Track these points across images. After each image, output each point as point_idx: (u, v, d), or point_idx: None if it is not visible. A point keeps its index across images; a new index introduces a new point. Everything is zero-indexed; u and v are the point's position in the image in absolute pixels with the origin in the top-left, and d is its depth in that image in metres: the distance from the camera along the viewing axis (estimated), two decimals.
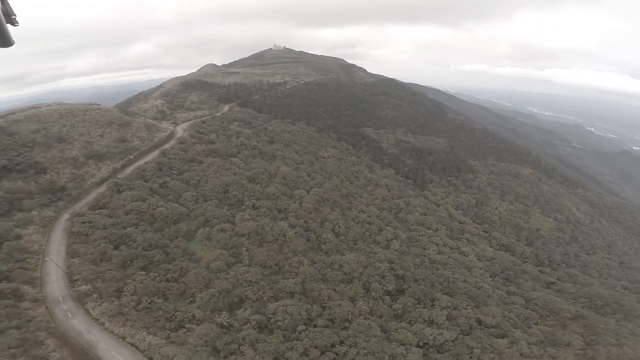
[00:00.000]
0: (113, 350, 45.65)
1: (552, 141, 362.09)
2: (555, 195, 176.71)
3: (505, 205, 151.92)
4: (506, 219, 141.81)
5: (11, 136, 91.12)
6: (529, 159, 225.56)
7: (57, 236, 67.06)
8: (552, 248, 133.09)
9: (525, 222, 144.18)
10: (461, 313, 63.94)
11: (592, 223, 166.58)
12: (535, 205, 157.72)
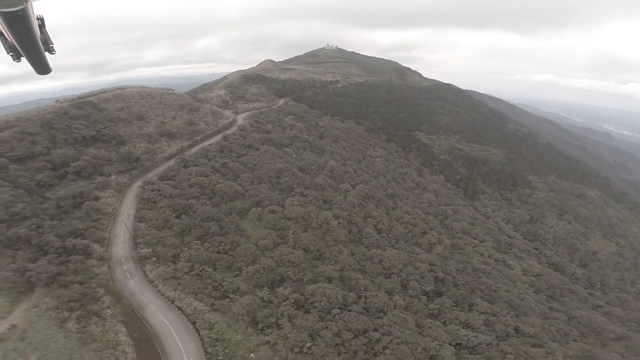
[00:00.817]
0: (160, 312, 49.49)
1: (627, 164, 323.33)
2: (621, 221, 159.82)
3: (562, 225, 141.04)
4: (561, 239, 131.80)
5: (100, 112, 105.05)
6: (596, 180, 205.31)
7: (129, 201, 76.54)
8: (608, 272, 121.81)
9: (582, 244, 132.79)
10: (499, 320, 62.23)
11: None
12: (597, 228, 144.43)
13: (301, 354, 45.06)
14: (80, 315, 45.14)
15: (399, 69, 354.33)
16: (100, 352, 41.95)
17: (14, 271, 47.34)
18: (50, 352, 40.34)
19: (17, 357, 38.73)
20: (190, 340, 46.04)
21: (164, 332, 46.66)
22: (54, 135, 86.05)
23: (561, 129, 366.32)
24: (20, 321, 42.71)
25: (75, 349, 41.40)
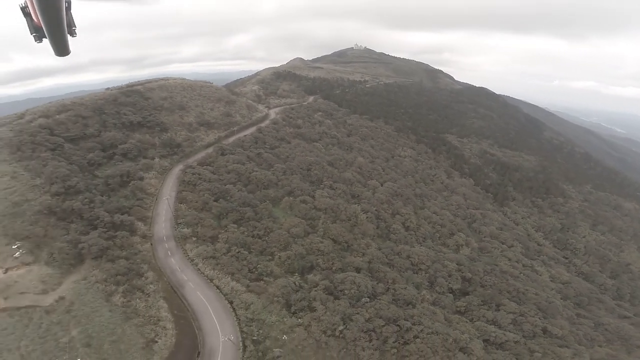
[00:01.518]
0: (199, 290, 51.92)
1: None
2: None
3: (595, 235, 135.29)
4: (592, 249, 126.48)
5: (146, 100, 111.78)
6: (635, 193, 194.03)
7: (170, 183, 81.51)
8: (638, 284, 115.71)
9: (615, 255, 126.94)
10: (527, 320, 61.71)
11: None
12: (632, 241, 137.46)
13: (333, 337, 46.75)
14: (125, 290, 47.96)
15: (429, 71, 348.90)
16: (142, 328, 44.24)
17: (68, 242, 51.01)
18: (93, 326, 42.72)
19: (58, 331, 41.23)
20: (227, 320, 48.14)
21: (202, 310, 48.92)
22: (104, 119, 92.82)
23: (600, 138, 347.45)
24: (68, 293, 45.75)
25: (119, 324, 43.97)
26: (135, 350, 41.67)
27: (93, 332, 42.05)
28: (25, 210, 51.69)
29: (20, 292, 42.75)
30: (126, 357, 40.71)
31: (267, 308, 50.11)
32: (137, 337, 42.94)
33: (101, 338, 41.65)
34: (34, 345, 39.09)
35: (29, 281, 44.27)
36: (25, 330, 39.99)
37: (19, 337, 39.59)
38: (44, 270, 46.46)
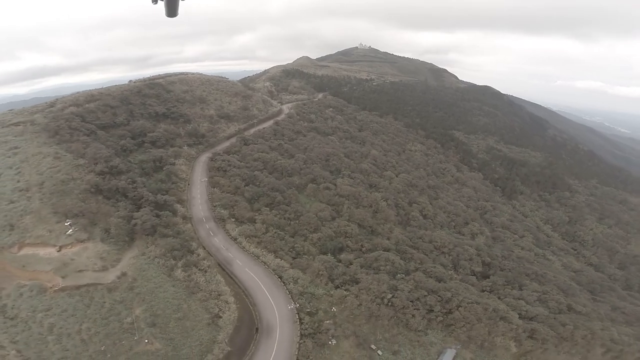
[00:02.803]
0: (247, 267, 54.04)
1: None
2: None
3: (602, 228, 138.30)
4: (600, 241, 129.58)
5: (168, 93, 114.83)
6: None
7: (199, 170, 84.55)
8: None
9: (623, 247, 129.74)
10: (551, 298, 64.58)
11: None
12: (639, 234, 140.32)
13: (383, 304, 49.51)
14: (184, 264, 49.32)
15: (434, 70, 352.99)
16: (206, 302, 45.27)
17: (122, 218, 52.68)
18: (158, 302, 42.79)
19: (122, 311, 40.62)
20: (279, 294, 50.29)
21: (253, 286, 50.95)
22: (131, 109, 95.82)
23: (604, 138, 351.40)
24: (130, 269, 46.35)
25: (183, 299, 44.69)
26: (201, 327, 42.23)
27: (158, 309, 42.01)
28: (72, 188, 53.72)
29: (79, 270, 43.10)
30: (192, 335, 41.05)
31: (314, 282, 52.71)
32: (202, 312, 43.66)
33: (166, 316, 41.73)
34: (96, 328, 38.35)
35: (86, 258, 44.91)
36: (87, 311, 39.44)
37: (80, 319, 38.83)
38: (100, 247, 47.15)
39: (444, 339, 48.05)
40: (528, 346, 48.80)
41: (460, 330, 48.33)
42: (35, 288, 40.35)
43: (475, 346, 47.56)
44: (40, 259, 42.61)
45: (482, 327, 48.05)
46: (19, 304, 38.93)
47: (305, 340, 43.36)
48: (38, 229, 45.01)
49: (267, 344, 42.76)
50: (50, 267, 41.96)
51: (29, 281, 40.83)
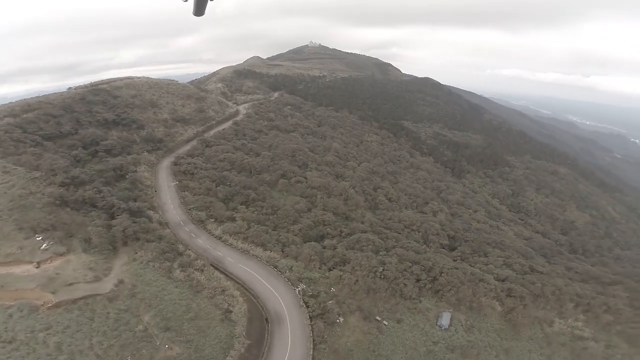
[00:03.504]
0: (240, 263, 53.75)
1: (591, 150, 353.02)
2: (591, 194, 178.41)
3: (541, 198, 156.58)
4: (542, 210, 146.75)
5: (115, 98, 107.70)
6: (566, 161, 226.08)
7: (163, 176, 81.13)
8: (586, 239, 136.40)
9: (561, 214, 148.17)
10: (515, 261, 72.59)
11: (627, 223, 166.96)
12: (571, 201, 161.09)
13: (377, 277, 52.45)
14: (180, 265, 47.78)
15: (380, 65, 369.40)
16: (213, 299, 44.49)
17: (101, 227, 49.64)
18: (165, 305, 41.18)
19: (130, 319, 38.47)
20: (278, 283, 50.86)
21: (250, 279, 50.88)
22: (77, 117, 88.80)
23: (530, 119, 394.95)
24: (125, 276, 44.02)
25: (190, 298, 43.54)
26: (215, 324, 41.43)
27: (167, 312, 40.45)
28: (33, 202, 49.19)
29: (69, 284, 40.13)
30: (209, 333, 40.15)
31: (308, 267, 54.31)
32: (212, 309, 42.79)
33: (178, 318, 40.29)
34: (108, 341, 36.17)
35: (72, 271, 41.91)
36: (92, 325, 36.89)
37: (88, 333, 36.44)
38: (85, 258, 44.28)
39: (436, 304, 52.27)
40: (510, 304, 54.62)
41: (449, 294, 52.97)
42: (25, 307, 37.08)
43: (465, 308, 52.34)
44: (19, 277, 38.80)
45: (466, 289, 53.12)
46: (11, 326, 35.39)
47: (315, 321, 44.66)
48: (5, 248, 40.75)
49: (281, 332, 43.41)
50: (34, 284, 38.53)
51: (14, 301, 37.26)
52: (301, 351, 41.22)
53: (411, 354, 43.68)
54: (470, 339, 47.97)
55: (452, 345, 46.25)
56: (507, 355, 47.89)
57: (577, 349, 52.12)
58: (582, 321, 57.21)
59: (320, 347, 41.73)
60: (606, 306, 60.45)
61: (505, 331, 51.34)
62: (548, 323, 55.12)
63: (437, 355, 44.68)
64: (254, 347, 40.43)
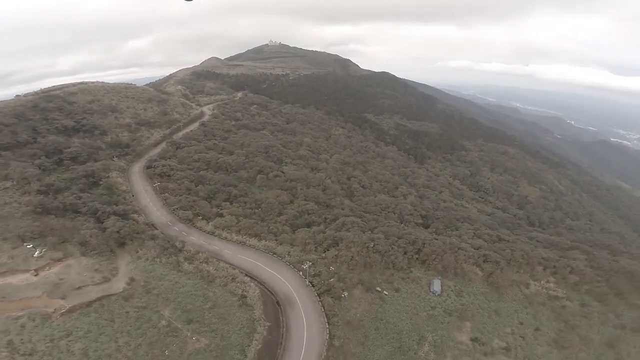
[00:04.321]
0: (238, 254, 54.48)
1: (534, 132, 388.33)
2: (539, 170, 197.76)
3: (496, 176, 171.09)
4: (498, 187, 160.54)
5: (71, 105, 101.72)
6: (513, 143, 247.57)
7: (137, 180, 78.83)
8: (541, 212, 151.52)
9: (515, 190, 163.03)
10: (483, 232, 79.96)
11: (573, 194, 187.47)
12: (523, 177, 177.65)
13: (370, 251, 55.88)
14: (186, 259, 47.56)
15: (340, 61, 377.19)
16: (227, 287, 45.06)
17: (95, 229, 48.37)
18: (183, 298, 41.12)
19: (152, 316, 37.93)
20: (280, 267, 52.65)
21: (252, 267, 51.90)
22: (33, 125, 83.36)
23: (479, 107, 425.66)
24: (135, 273, 43.38)
25: (205, 287, 43.83)
26: (235, 310, 42.01)
27: (187, 304, 40.36)
28: (10, 212, 46.37)
29: (77, 288, 38.74)
30: (231, 320, 40.59)
31: (305, 250, 56.58)
32: (228, 296, 43.30)
33: (198, 308, 40.34)
34: (135, 340, 35.38)
35: (77, 274, 40.42)
36: (114, 326, 35.89)
37: (112, 336, 35.32)
38: (86, 261, 42.84)
39: (425, 273, 56.48)
40: (488, 268, 59.94)
41: (434, 263, 57.47)
42: (36, 316, 35.09)
43: (451, 274, 56.94)
44: (19, 287, 36.78)
45: (449, 257, 58.01)
46: (27, 337, 33.30)
47: (323, 298, 47.05)
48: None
49: (294, 312, 45.32)
50: (40, 292, 36.76)
51: (22, 311, 35.22)
52: (317, 327, 43.50)
53: (415, 319, 47.27)
54: (462, 302, 52.47)
55: (448, 309, 50.43)
56: (498, 315, 52.70)
57: (557, 308, 56.97)
58: (553, 282, 62.79)
59: (334, 321, 44.19)
60: (570, 268, 66.79)
61: (490, 294, 56.37)
62: (525, 285, 60.49)
63: (438, 319, 48.56)
64: (273, 329, 41.95)
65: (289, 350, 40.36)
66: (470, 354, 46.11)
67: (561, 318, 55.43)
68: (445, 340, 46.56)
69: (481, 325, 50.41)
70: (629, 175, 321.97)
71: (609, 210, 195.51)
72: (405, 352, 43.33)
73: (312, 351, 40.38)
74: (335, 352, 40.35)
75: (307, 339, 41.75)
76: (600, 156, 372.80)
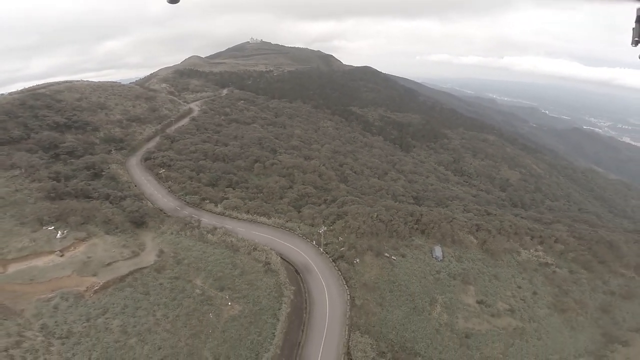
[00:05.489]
0: (251, 230, 56.45)
1: (511, 122, 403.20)
2: (517, 155, 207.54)
3: (478, 162, 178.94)
4: (481, 171, 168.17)
5: (59, 102, 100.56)
6: (492, 131, 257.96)
7: (137, 171, 79.53)
8: (522, 194, 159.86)
9: (497, 174, 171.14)
10: (472, 207, 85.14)
11: (550, 177, 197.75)
12: (503, 162, 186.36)
13: (376, 221, 59.55)
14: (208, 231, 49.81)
15: (323, 57, 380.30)
16: (250, 255, 47.51)
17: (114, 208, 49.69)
18: (213, 266, 42.68)
19: (185, 286, 38.78)
20: (294, 239, 55.53)
21: (266, 242, 53.70)
22: (24, 122, 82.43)
23: (458, 99, 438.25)
24: (163, 246, 44.41)
25: (232, 256, 46.17)
26: (261, 276, 43.87)
27: (217, 272, 41.73)
28: (23, 198, 46.72)
29: (107, 264, 38.86)
30: (259, 285, 42.29)
31: (313, 224, 59.60)
32: (254, 263, 45.26)
33: (227, 276, 41.82)
34: (172, 311, 35.79)
35: (104, 252, 40.71)
36: (150, 299, 36.16)
37: (149, 310, 35.40)
38: (111, 239, 43.34)
39: (426, 241, 60.01)
40: (482, 236, 63.95)
41: (433, 231, 61.24)
42: (69, 296, 34.58)
43: (449, 242, 60.59)
44: (46, 268, 36.85)
45: (445, 225, 62.06)
46: (62, 319, 32.45)
47: (338, 263, 49.98)
48: (14, 243, 38.14)
49: (312, 277, 48.11)
50: (69, 271, 36.92)
51: (52, 292, 34.52)
52: (336, 289, 46.34)
53: (424, 282, 50.54)
54: (463, 267, 56.02)
55: (452, 274, 53.77)
56: (497, 279, 56.09)
57: (549, 274, 59.81)
58: (541, 251, 66.51)
59: (351, 283, 47.06)
60: (554, 237, 70.89)
61: (487, 260, 59.96)
62: (516, 252, 64.32)
63: (444, 282, 51.83)
64: (298, 293, 44.50)
65: (315, 311, 42.96)
66: (479, 315, 48.74)
67: (554, 283, 58.18)
68: (455, 302, 49.38)
69: (484, 289, 53.31)
70: (602, 160, 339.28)
71: (585, 192, 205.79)
72: (420, 313, 46.23)
73: (336, 311, 43.07)
74: (358, 312, 43.05)
75: (329, 301, 44.49)
76: (575, 143, 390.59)
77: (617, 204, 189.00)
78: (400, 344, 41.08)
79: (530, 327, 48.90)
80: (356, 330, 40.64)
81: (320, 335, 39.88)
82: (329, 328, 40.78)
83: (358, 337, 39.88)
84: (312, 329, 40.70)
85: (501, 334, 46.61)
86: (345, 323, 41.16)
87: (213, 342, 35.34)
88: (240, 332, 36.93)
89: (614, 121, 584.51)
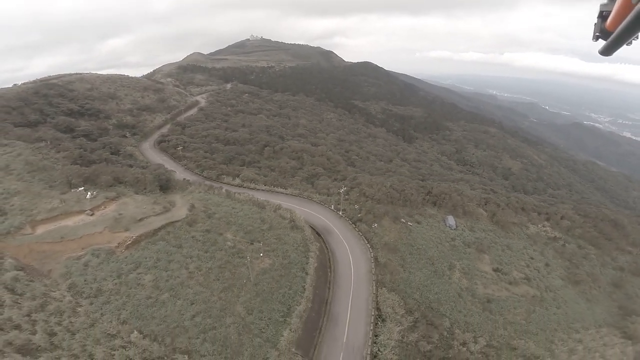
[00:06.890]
0: (271, 199, 57.67)
1: (511, 117, 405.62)
2: (519, 147, 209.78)
3: (480, 152, 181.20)
4: (483, 161, 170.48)
5: (71, 92, 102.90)
6: (493, 124, 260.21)
7: (151, 153, 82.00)
8: (524, 182, 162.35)
9: (499, 163, 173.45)
10: (479, 186, 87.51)
11: (552, 167, 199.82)
12: (504, 152, 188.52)
13: (387, 189, 61.91)
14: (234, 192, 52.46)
15: (324, 53, 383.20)
16: (276, 212, 49.84)
17: (139, 172, 51.71)
18: (243, 220, 44.60)
19: (217, 238, 39.76)
20: (312, 205, 58.10)
21: (286, 207, 54.45)
22: (40, 108, 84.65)
23: (458, 95, 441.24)
24: (194, 202, 45.93)
25: (260, 212, 48.47)
26: (288, 231, 45.74)
27: (247, 226, 43.36)
28: (51, 165, 48.40)
29: (139, 220, 39.27)
30: (287, 240, 43.79)
31: (329, 193, 61.92)
32: (280, 219, 47.18)
33: (257, 230, 43.49)
34: (205, 264, 36.05)
35: (135, 208, 41.52)
36: (183, 252, 36.50)
37: (182, 262, 35.42)
38: (141, 198, 44.68)
39: (438, 211, 61.83)
40: (491, 209, 65.75)
41: (444, 202, 63.20)
42: (100, 252, 33.53)
43: (460, 213, 62.24)
44: (77, 227, 36.79)
45: (456, 197, 64.02)
46: (92, 277, 31.05)
47: (357, 224, 52.03)
48: (43, 204, 39.21)
49: (334, 238, 50.03)
50: (101, 227, 37.09)
51: (82, 250, 33.33)
52: (359, 248, 48.10)
53: (440, 248, 51.91)
54: (476, 236, 57.30)
55: (466, 242, 54.97)
56: (510, 250, 56.96)
57: (558, 247, 60.27)
58: (549, 226, 67.48)
59: (373, 242, 48.84)
60: (561, 214, 72.27)
61: (498, 231, 61.22)
62: (525, 227, 65.51)
63: (459, 249, 52.97)
64: (321, 252, 46.14)
65: (339, 269, 44.47)
66: (496, 282, 48.78)
67: (564, 257, 58.48)
68: (472, 269, 50.04)
69: (498, 258, 53.82)
70: (603, 155, 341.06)
71: (586, 183, 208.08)
72: (440, 277, 47.08)
73: (361, 268, 44.62)
74: (382, 270, 44.32)
75: (353, 259, 46.09)
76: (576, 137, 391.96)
77: (618, 195, 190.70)
78: (426, 304, 41.80)
79: (548, 296, 49.25)
80: (382, 287, 41.79)
81: (347, 290, 41.19)
82: (355, 284, 42.08)
83: (385, 294, 40.79)
84: (339, 285, 42.04)
85: (521, 300, 46.86)
86: (371, 279, 42.34)
87: (245, 296, 35.06)
88: (272, 285, 37.63)
89: (615, 116, 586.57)
